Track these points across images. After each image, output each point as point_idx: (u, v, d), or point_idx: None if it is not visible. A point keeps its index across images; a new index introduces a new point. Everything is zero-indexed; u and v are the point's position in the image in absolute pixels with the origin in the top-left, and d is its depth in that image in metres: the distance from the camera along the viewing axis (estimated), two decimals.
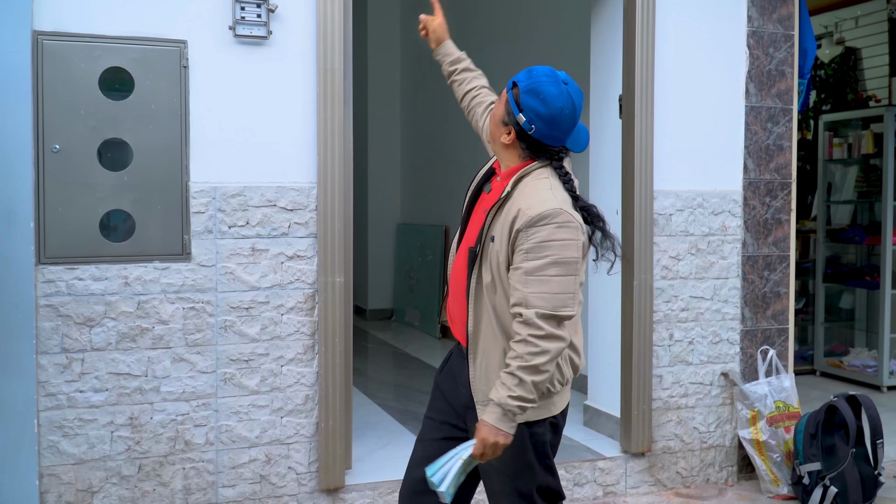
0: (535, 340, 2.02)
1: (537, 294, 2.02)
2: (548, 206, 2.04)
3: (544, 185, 2.13)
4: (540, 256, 2.03)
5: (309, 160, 3.44)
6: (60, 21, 3.10)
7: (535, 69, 2.19)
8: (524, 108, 2.14)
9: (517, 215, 2.07)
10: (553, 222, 2.03)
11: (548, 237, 2.03)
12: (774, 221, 4.23)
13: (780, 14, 4.19)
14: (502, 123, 2.21)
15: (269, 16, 3.35)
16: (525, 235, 2.04)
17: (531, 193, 2.10)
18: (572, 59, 5.09)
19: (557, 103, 2.12)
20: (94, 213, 3.17)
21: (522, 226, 2.04)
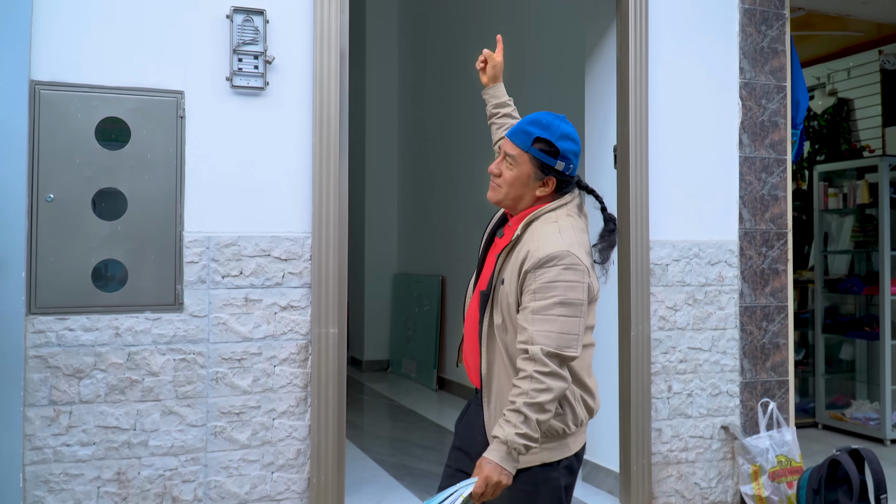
0: (540, 377, 2.03)
1: (543, 332, 2.05)
2: (556, 248, 2.09)
3: (553, 228, 2.17)
4: (547, 296, 2.07)
5: (304, 210, 3.43)
6: (58, 71, 3.12)
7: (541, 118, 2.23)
8: (563, 154, 2.19)
9: (526, 257, 2.12)
10: (560, 264, 2.07)
11: (555, 278, 2.07)
12: (771, 272, 4.22)
13: (772, 66, 4.23)
14: (535, 179, 2.23)
15: (267, 67, 3.37)
16: (533, 276, 2.09)
17: (540, 237, 2.14)
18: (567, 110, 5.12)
19: (577, 135, 2.25)
20: (86, 263, 3.15)
21: (531, 267, 2.09)
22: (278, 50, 3.40)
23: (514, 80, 6.37)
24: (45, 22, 3.09)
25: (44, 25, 3.09)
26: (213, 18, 3.31)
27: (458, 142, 7.42)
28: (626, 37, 3.94)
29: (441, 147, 7.85)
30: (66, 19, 3.12)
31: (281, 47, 3.40)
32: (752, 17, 4.18)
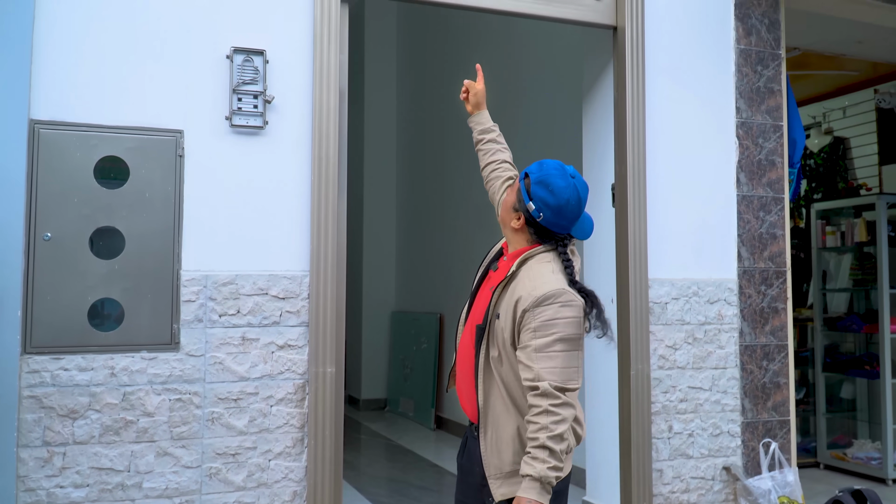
0: (555, 409, 2.12)
1: (548, 369, 2.14)
2: (552, 287, 2.19)
3: (547, 268, 2.27)
4: (547, 334, 2.16)
5: (302, 248, 3.42)
6: (58, 110, 3.13)
7: (546, 162, 2.38)
8: (534, 198, 2.32)
9: (522, 296, 2.21)
10: (557, 301, 2.17)
11: (553, 316, 2.16)
12: (771, 310, 4.20)
13: (769, 105, 4.26)
14: (513, 209, 2.39)
15: (266, 106, 3.38)
16: (532, 315, 2.18)
17: (535, 275, 2.25)
18: (565, 147, 5.15)
19: (564, 195, 2.30)
20: (83, 302, 3.13)
21: (529, 306, 2.18)
22: (278, 89, 3.42)
23: (512, 117, 6.42)
24: (45, 61, 3.11)
25: (44, 65, 3.11)
26: (213, 58, 3.33)
27: (456, 179, 7.44)
28: (623, 75, 3.97)
29: (439, 184, 7.87)
30: (67, 59, 3.14)
31: (280, 86, 3.42)
32: (747, 57, 4.22)
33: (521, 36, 6.37)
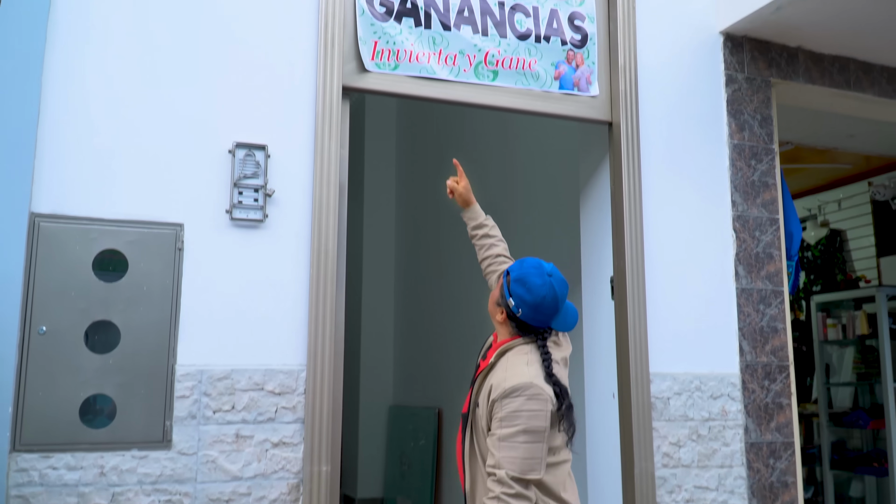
0: (507, 498, 2.24)
1: (508, 458, 2.26)
2: (520, 380, 2.32)
3: (523, 360, 2.41)
4: (512, 425, 2.28)
5: (299, 342, 3.38)
6: (59, 204, 3.14)
7: (526, 261, 2.56)
8: (513, 295, 2.49)
9: (493, 385, 2.36)
10: (524, 394, 2.30)
11: (519, 408, 2.29)
12: (776, 406, 4.13)
13: (764, 199, 4.30)
14: (496, 304, 2.58)
15: (266, 200, 3.40)
16: (500, 405, 2.31)
17: (509, 366, 2.39)
18: (563, 241, 5.16)
19: (541, 292, 2.46)
20: (75, 398, 3.07)
21: (497, 396, 2.32)
22: (278, 183, 3.44)
23: (509, 210, 6.47)
24: (48, 155, 3.14)
25: (47, 158, 3.14)
26: (215, 153, 3.37)
27: (454, 272, 7.45)
28: (619, 170, 4.02)
29: (438, 277, 7.87)
30: (70, 153, 3.17)
31: (281, 180, 3.45)
32: (741, 151, 4.28)
33: (518, 130, 6.48)
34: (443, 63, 3.76)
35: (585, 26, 4.06)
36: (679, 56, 4.26)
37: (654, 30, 4.21)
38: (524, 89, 3.91)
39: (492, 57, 3.84)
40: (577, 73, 4.01)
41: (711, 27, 4.35)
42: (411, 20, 3.73)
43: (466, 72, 3.80)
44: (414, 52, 3.71)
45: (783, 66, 4.46)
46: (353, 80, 3.64)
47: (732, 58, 4.35)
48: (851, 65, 4.63)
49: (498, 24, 3.88)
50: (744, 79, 4.36)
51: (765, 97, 4.40)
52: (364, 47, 3.63)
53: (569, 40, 4.01)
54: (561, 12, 4.01)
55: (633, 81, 4.08)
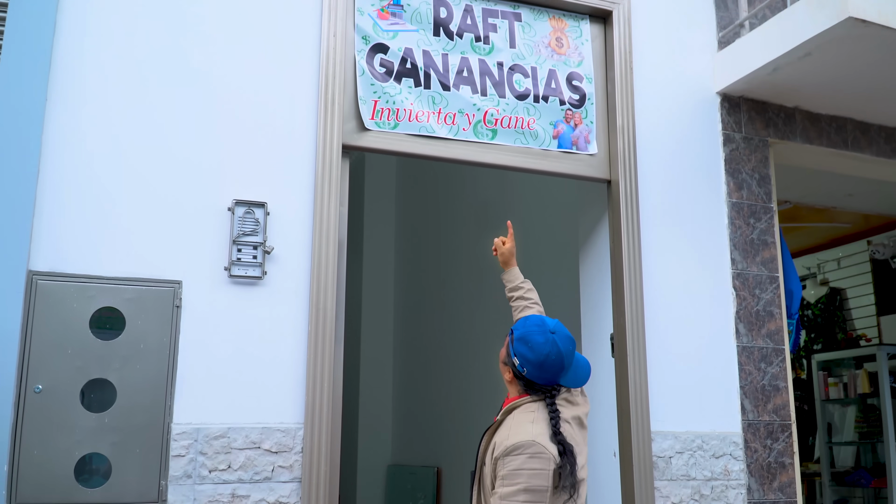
0: None
1: None
2: (522, 438, 2.31)
3: (528, 418, 2.40)
4: (513, 483, 2.27)
5: (297, 400, 3.35)
6: (57, 261, 3.14)
7: (529, 318, 2.56)
8: (517, 354, 2.49)
9: (497, 443, 2.37)
10: (525, 453, 2.28)
11: (520, 466, 2.27)
12: (778, 465, 4.08)
13: (763, 257, 4.30)
14: (503, 363, 2.57)
15: (265, 257, 3.41)
16: (502, 463, 2.31)
17: (514, 425, 2.39)
18: (562, 298, 5.15)
19: (543, 350, 2.45)
20: (70, 457, 3.03)
21: (500, 454, 2.32)
22: (277, 240, 3.45)
23: None
24: (47, 213, 3.15)
25: (46, 216, 3.15)
26: (214, 210, 3.38)
27: (454, 330, 7.42)
28: (618, 227, 4.03)
29: (438, 334, 7.84)
30: (69, 211, 3.19)
31: (280, 238, 3.46)
32: (740, 210, 4.30)
33: (517, 187, 6.52)
34: (442, 122, 3.80)
35: (583, 86, 4.11)
36: (677, 115, 4.31)
37: (652, 90, 4.27)
38: (523, 148, 3.95)
39: (491, 116, 3.88)
40: (575, 132, 4.05)
41: (708, 87, 4.41)
42: (411, 80, 3.78)
43: (466, 130, 3.84)
44: (413, 111, 3.75)
45: (780, 126, 4.51)
46: (353, 139, 3.67)
47: (730, 118, 4.40)
48: (849, 125, 4.68)
49: (497, 84, 3.93)
50: (741, 138, 4.41)
51: (762, 157, 4.43)
52: (364, 106, 3.67)
53: (567, 100, 4.06)
54: (559, 73, 4.07)
55: (632, 140, 4.12)
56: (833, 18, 3.68)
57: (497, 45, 3.97)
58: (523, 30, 4.06)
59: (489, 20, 3.99)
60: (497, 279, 3.24)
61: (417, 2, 3.88)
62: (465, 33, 3.93)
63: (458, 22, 3.93)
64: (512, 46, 4.01)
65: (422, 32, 3.85)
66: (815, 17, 3.79)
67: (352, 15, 3.76)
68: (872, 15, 3.65)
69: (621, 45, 4.21)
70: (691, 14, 4.50)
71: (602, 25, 4.28)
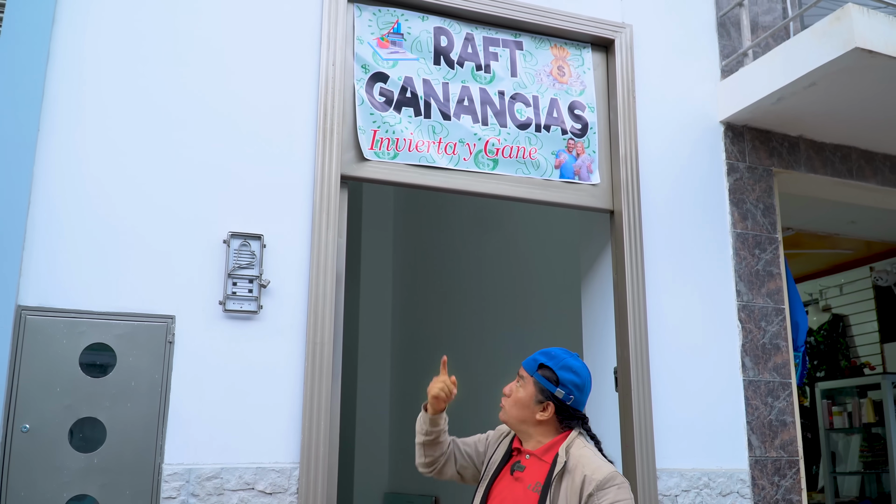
0: None
1: None
2: (609, 470, 2.30)
3: (591, 451, 2.38)
4: None
5: (292, 439, 3.25)
6: (46, 296, 3.05)
7: (552, 350, 2.48)
8: (563, 383, 2.40)
9: (584, 480, 2.27)
10: (616, 483, 2.27)
11: (616, 497, 2.24)
12: (786, 503, 3.98)
13: (769, 288, 4.22)
14: (536, 402, 2.42)
15: (261, 291, 3.32)
16: (598, 497, 2.24)
17: (588, 461, 2.32)
18: (564, 330, 5.07)
19: (585, 373, 2.45)
20: (58, 499, 2.93)
21: (594, 489, 2.25)
22: (274, 273, 3.37)
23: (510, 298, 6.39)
24: (37, 246, 3.07)
25: (36, 250, 3.07)
26: (209, 243, 3.30)
27: (453, 357, 7.32)
28: (622, 258, 3.95)
29: (435, 363, 7.73)
30: (60, 245, 3.10)
31: (277, 271, 3.37)
32: (745, 241, 4.23)
33: (518, 217, 6.46)
34: (442, 152, 3.73)
35: (586, 115, 4.05)
36: (680, 145, 4.25)
37: (655, 119, 4.21)
38: (525, 178, 3.88)
39: (492, 146, 3.81)
40: (577, 162, 3.99)
41: (712, 117, 4.35)
42: (411, 110, 3.71)
43: (466, 160, 3.77)
44: (413, 140, 3.68)
45: (784, 156, 4.45)
46: (352, 169, 3.60)
47: (734, 147, 4.34)
48: (853, 154, 4.62)
49: (498, 114, 3.86)
50: (745, 168, 4.34)
51: (767, 186, 4.37)
52: (363, 136, 3.60)
53: (569, 129, 3.99)
54: (561, 102, 4.01)
55: (635, 170, 4.05)
56: (839, 49, 3.62)
57: (498, 74, 3.91)
58: (525, 58, 4.00)
59: (490, 49, 3.93)
60: (496, 310, 3.16)
61: (418, 30, 3.82)
62: (466, 62, 3.87)
63: (458, 50, 3.87)
64: (513, 75, 3.95)
65: (422, 61, 3.79)
66: (821, 47, 3.73)
67: (351, 43, 3.70)
68: (879, 45, 3.60)
69: (624, 74, 4.15)
70: (694, 42, 4.45)
71: (604, 54, 4.22)
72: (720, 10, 4.53)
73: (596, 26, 4.16)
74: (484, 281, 6.92)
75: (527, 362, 2.50)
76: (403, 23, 3.80)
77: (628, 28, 4.22)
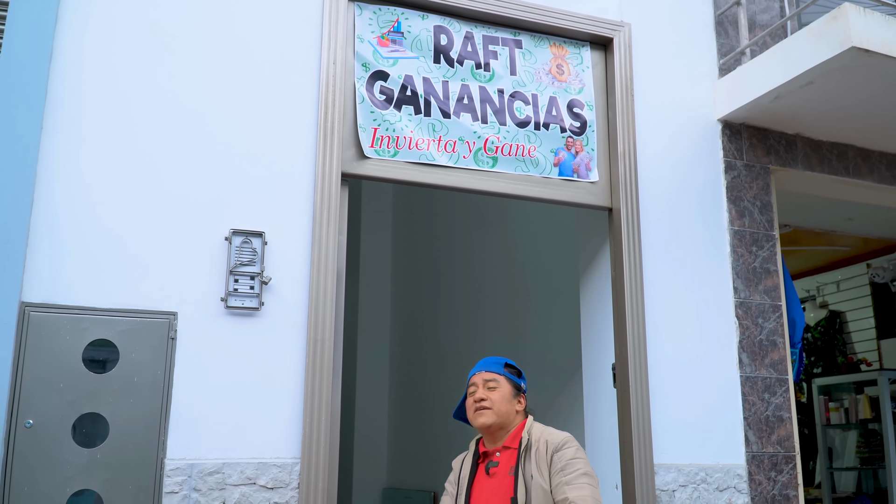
0: None
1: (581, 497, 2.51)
2: (565, 434, 2.68)
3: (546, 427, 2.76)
4: (575, 469, 2.57)
5: (293, 433, 3.28)
6: (50, 293, 3.08)
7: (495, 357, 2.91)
8: (523, 376, 2.89)
9: (547, 445, 2.64)
10: (573, 445, 2.64)
11: (574, 455, 2.61)
12: (782, 498, 4.02)
13: (766, 285, 4.25)
14: (513, 396, 2.81)
15: (263, 287, 3.35)
16: (558, 456, 2.60)
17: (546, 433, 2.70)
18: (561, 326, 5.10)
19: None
20: (61, 494, 2.96)
21: (554, 450, 2.62)
22: (275, 270, 3.39)
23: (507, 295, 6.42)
24: (41, 243, 3.09)
25: (39, 247, 3.09)
26: (211, 241, 3.32)
27: (451, 356, 7.36)
28: (620, 255, 3.98)
29: (434, 360, 7.77)
30: (63, 242, 3.13)
31: (278, 268, 3.40)
32: (742, 238, 4.26)
33: (516, 214, 6.48)
34: (442, 150, 3.75)
35: (584, 114, 4.07)
36: (678, 143, 4.27)
37: (653, 117, 4.23)
38: (524, 175, 3.90)
39: (491, 144, 3.83)
40: (576, 160, 4.01)
41: (710, 115, 4.38)
42: (411, 108, 3.74)
43: (466, 158, 3.79)
44: (413, 138, 3.71)
45: (782, 154, 4.48)
46: (353, 167, 3.62)
47: (731, 145, 4.37)
48: (850, 151, 4.65)
49: (497, 112, 3.89)
50: (742, 166, 4.37)
51: (764, 184, 4.39)
52: (364, 134, 3.63)
53: (568, 127, 4.02)
54: (560, 100, 4.03)
55: (633, 167, 4.08)
56: (836, 48, 3.65)
57: (498, 72, 3.93)
58: (524, 57, 4.02)
59: (490, 47, 3.96)
60: (494, 307, 3.24)
61: (418, 29, 3.84)
62: (466, 60, 3.89)
63: (458, 49, 3.89)
64: (512, 73, 3.97)
65: (422, 59, 3.81)
66: (818, 46, 3.76)
67: (352, 42, 3.72)
68: (875, 45, 3.63)
69: (622, 72, 4.17)
70: (692, 41, 4.47)
71: (603, 52, 4.25)
72: (718, 9, 4.56)
73: (595, 25, 4.18)
74: (482, 278, 6.94)
75: (490, 367, 2.84)
76: (403, 21, 3.83)
77: (627, 27, 4.25)
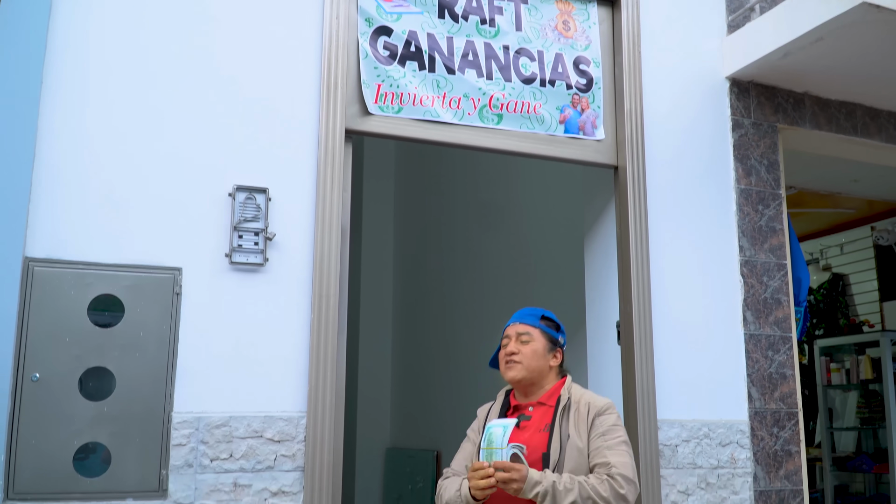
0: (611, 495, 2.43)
1: (621, 462, 2.50)
2: (608, 400, 2.68)
3: (587, 390, 2.74)
4: (616, 436, 2.58)
5: (299, 388, 3.30)
6: (54, 248, 3.07)
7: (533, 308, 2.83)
8: (562, 330, 2.81)
9: (589, 408, 2.61)
10: (615, 413, 2.66)
11: (615, 422, 2.62)
12: (784, 453, 4.05)
13: (771, 244, 4.25)
14: (548, 351, 2.74)
15: (267, 243, 3.34)
16: (600, 420, 2.58)
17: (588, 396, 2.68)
18: (566, 283, 5.11)
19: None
20: (69, 446, 2.98)
21: (597, 413, 2.60)
22: (279, 227, 3.38)
23: (512, 253, 6.42)
24: (44, 198, 3.08)
25: (42, 202, 3.08)
26: (215, 196, 3.31)
27: (454, 314, 7.38)
28: (626, 214, 3.97)
29: (437, 319, 7.79)
30: (66, 196, 3.11)
31: (282, 224, 3.39)
32: (748, 196, 4.24)
33: (521, 172, 6.46)
34: (447, 106, 3.72)
35: (591, 70, 4.04)
36: (685, 100, 4.24)
37: (660, 74, 4.19)
38: (529, 133, 3.88)
39: (496, 100, 3.80)
40: (582, 117, 3.98)
41: (718, 72, 4.34)
42: (415, 64, 3.70)
43: (471, 115, 3.76)
44: (418, 95, 3.68)
45: (790, 112, 4.44)
46: (356, 124, 3.60)
47: (739, 103, 4.33)
48: (858, 110, 4.62)
49: (503, 68, 3.85)
50: (750, 124, 4.34)
51: (771, 142, 4.37)
52: (367, 90, 3.60)
53: (574, 84, 3.98)
54: (566, 56, 3.99)
55: (639, 125, 4.05)
56: (846, 4, 3.60)
57: (503, 28, 3.89)
58: (530, 12, 3.97)
59: (495, 2, 3.91)
60: (497, 266, 3.22)
61: None
62: (471, 16, 3.84)
63: (463, 4, 3.84)
64: (518, 29, 3.93)
65: (426, 14, 3.77)
66: (828, 2, 3.71)
67: None
68: (886, 0, 3.57)
69: (629, 29, 4.13)
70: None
71: (610, 8, 4.20)
72: None
73: None
74: (485, 235, 6.94)
75: (525, 319, 2.75)
76: None
77: None
